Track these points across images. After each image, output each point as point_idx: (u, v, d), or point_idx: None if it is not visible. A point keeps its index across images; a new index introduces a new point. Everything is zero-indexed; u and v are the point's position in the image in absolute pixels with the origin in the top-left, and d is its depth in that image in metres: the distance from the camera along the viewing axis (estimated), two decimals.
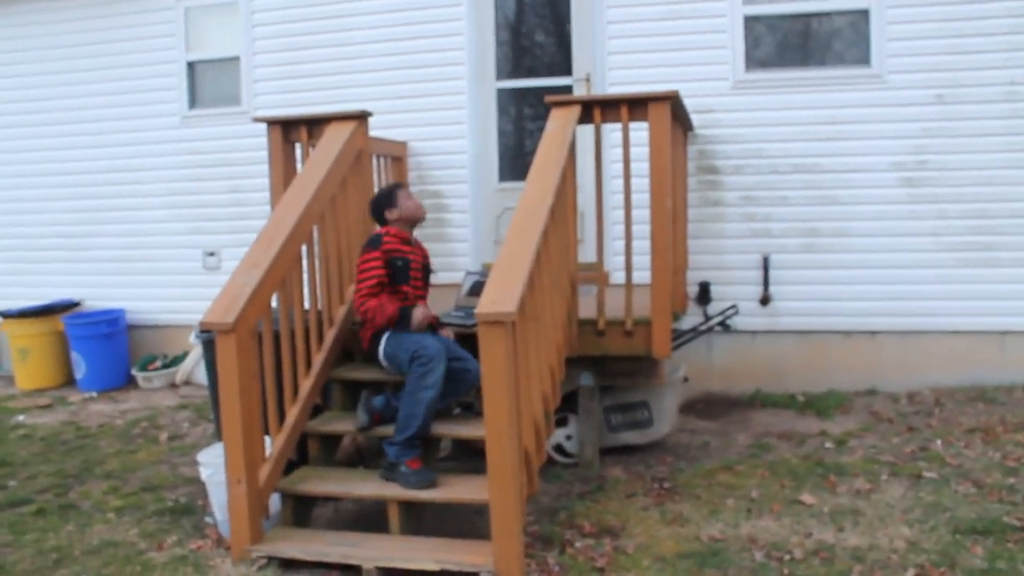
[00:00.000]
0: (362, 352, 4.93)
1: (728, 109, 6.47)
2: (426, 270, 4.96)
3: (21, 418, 6.96)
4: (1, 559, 4.28)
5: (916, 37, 6.17)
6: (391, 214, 4.80)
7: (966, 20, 6.10)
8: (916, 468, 4.86)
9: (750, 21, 6.44)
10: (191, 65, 7.70)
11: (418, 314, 4.62)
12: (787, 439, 5.55)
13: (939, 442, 5.25)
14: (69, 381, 8.01)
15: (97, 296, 8.15)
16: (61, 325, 7.87)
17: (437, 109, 6.95)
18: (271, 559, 4.02)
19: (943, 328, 6.31)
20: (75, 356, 7.82)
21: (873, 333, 6.42)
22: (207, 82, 7.71)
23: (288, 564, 4.01)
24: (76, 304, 8.13)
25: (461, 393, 4.66)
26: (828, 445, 5.38)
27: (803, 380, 6.50)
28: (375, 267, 4.63)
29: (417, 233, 6.62)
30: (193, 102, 7.72)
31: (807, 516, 4.33)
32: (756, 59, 6.47)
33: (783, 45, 6.48)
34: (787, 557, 3.90)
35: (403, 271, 4.71)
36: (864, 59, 6.28)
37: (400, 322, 4.58)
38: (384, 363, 4.70)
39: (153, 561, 4.16)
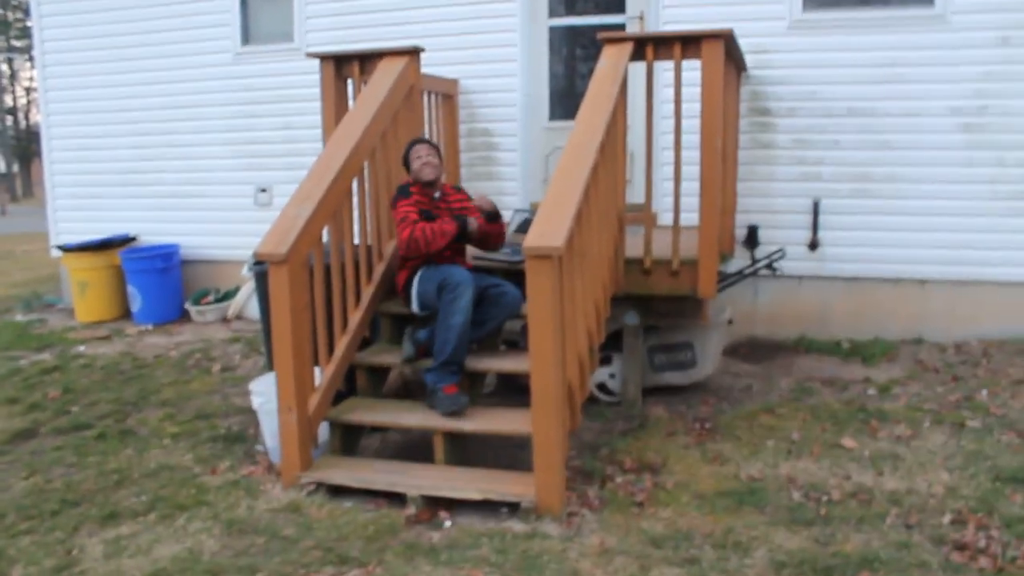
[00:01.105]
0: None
1: (783, 50, 6.35)
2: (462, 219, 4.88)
3: (82, 348, 7.19)
4: (67, 477, 4.48)
5: None
6: (409, 174, 4.88)
7: None
8: (959, 417, 4.84)
9: None
10: (244, 1, 7.73)
11: (473, 223, 4.70)
12: (830, 384, 5.55)
13: (984, 392, 5.22)
14: (125, 314, 8.23)
15: (153, 231, 8.33)
16: (118, 260, 8.06)
17: (488, 47, 6.92)
18: (319, 485, 4.15)
19: (994, 278, 6.21)
20: (131, 290, 8.02)
21: (922, 281, 6.35)
22: (260, 18, 7.75)
23: (336, 491, 4.14)
24: (132, 239, 8.32)
25: (503, 316, 4.71)
26: (871, 392, 5.37)
27: (849, 327, 6.47)
28: (408, 212, 4.65)
29: (467, 172, 6.69)
30: (246, 38, 7.78)
31: (846, 459, 4.36)
32: None
33: None
34: (824, 498, 3.93)
35: (492, 213, 4.78)
36: None
37: (460, 235, 4.66)
38: (416, 307, 4.76)
39: (207, 484, 4.32)
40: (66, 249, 8.15)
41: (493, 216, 4.79)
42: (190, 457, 4.72)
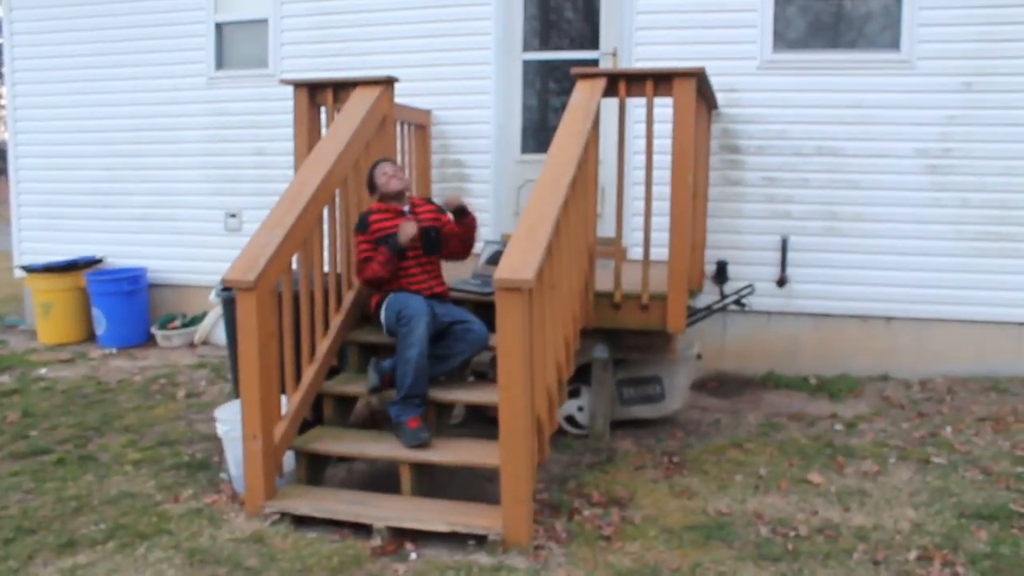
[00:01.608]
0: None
1: (753, 89, 6.45)
2: (430, 232, 4.82)
3: (43, 371, 7.07)
4: (24, 504, 4.38)
5: (947, 23, 6.12)
6: (375, 196, 4.87)
7: (997, 7, 6.03)
8: (925, 453, 4.88)
9: (781, 1, 6.40)
10: (219, 26, 7.73)
11: (401, 226, 4.60)
12: (797, 420, 5.58)
13: (949, 429, 5.27)
14: (90, 337, 8.11)
15: (119, 254, 8.24)
16: (83, 281, 7.96)
17: (462, 79, 6.96)
18: (284, 515, 4.10)
19: (960, 317, 6.30)
20: (96, 312, 7.91)
21: (889, 319, 6.43)
22: (235, 44, 7.74)
23: (300, 521, 4.08)
24: (99, 261, 8.23)
25: (468, 353, 4.69)
26: (838, 427, 5.40)
27: (816, 363, 6.53)
28: (365, 249, 4.70)
29: (438, 203, 6.67)
30: (220, 63, 7.76)
31: (814, 495, 4.37)
32: (785, 40, 6.43)
33: (813, 26, 6.44)
34: (792, 533, 3.94)
35: (401, 247, 4.68)
36: (894, 44, 6.24)
37: (392, 249, 4.59)
38: (386, 332, 4.75)
39: (169, 513, 4.25)
40: (30, 270, 8.04)
41: (460, 211, 4.77)
42: (152, 484, 4.64)
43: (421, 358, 4.40)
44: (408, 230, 4.59)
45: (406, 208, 4.83)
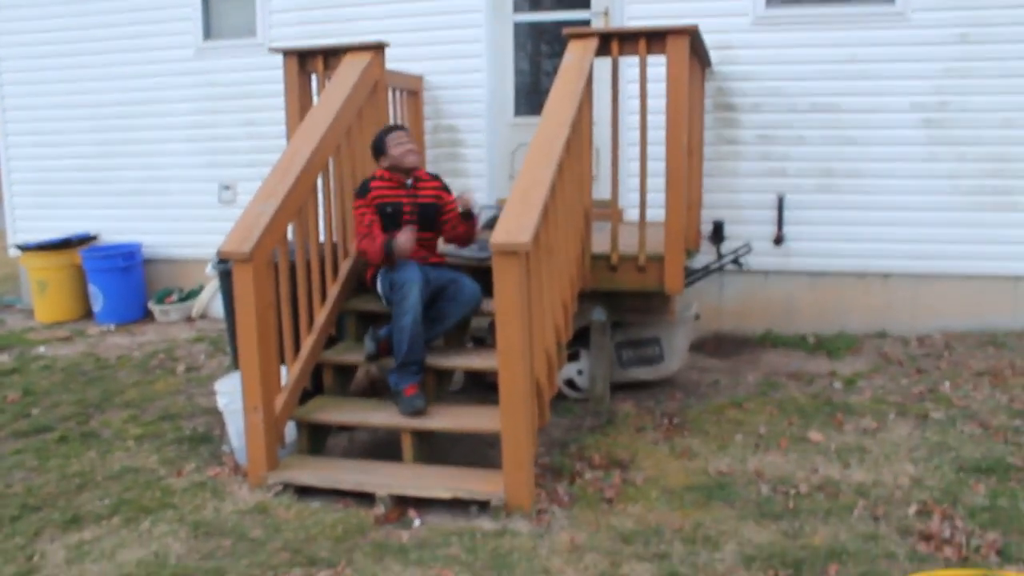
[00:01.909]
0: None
1: (747, 46, 6.38)
2: (429, 209, 4.84)
3: (42, 349, 7.07)
4: (28, 482, 4.40)
5: None
6: (383, 161, 4.78)
7: None
8: (923, 409, 4.90)
9: None
10: None
11: (399, 238, 4.55)
12: (796, 378, 5.59)
13: (947, 384, 5.29)
14: (87, 314, 8.10)
15: (114, 230, 8.21)
16: (79, 259, 7.93)
17: (453, 43, 6.89)
18: (286, 486, 4.11)
19: (956, 272, 6.30)
20: (92, 289, 7.89)
21: (886, 276, 6.42)
22: (223, 12, 7.64)
23: (303, 491, 4.10)
24: (93, 238, 8.20)
25: (462, 312, 4.68)
26: (837, 385, 5.42)
27: (814, 321, 6.53)
28: (363, 214, 4.68)
29: (432, 168, 6.64)
30: (208, 33, 7.67)
31: (814, 452, 4.39)
32: None
33: None
34: (792, 491, 3.96)
35: (392, 217, 4.68)
36: None
37: (388, 255, 4.57)
38: (384, 302, 4.75)
39: (172, 487, 4.26)
40: (25, 248, 8.01)
41: (466, 215, 4.77)
42: (155, 459, 4.65)
43: (415, 325, 4.39)
44: (405, 248, 4.54)
45: (410, 181, 4.80)
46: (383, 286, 4.66)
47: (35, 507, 4.09)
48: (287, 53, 5.49)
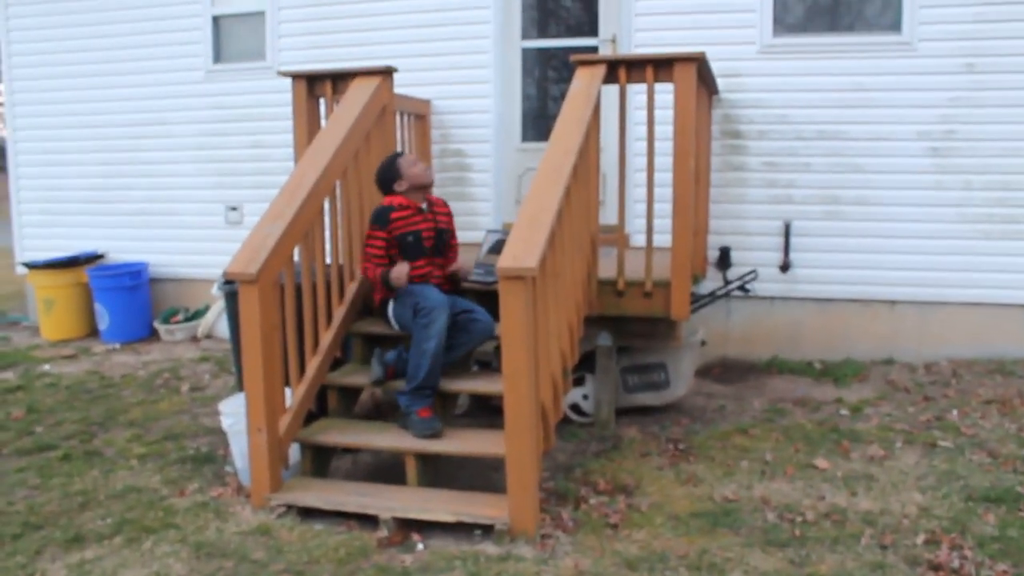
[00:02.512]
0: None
1: (754, 74, 6.41)
2: (444, 234, 4.86)
3: (47, 367, 7.07)
4: (30, 500, 4.38)
5: (948, 4, 6.07)
6: (400, 186, 4.74)
7: None
8: (931, 437, 4.87)
9: None
10: (216, 19, 7.70)
11: (393, 272, 4.57)
12: (802, 405, 5.57)
13: (955, 412, 5.26)
14: (92, 332, 8.11)
15: (121, 249, 8.24)
16: (85, 277, 7.95)
17: (461, 68, 6.93)
18: (290, 507, 4.10)
19: (963, 300, 6.28)
20: (99, 308, 7.91)
21: (892, 303, 6.41)
22: (232, 37, 7.71)
23: (306, 513, 4.08)
24: (100, 256, 8.22)
25: (473, 343, 4.68)
26: (843, 412, 5.39)
27: (821, 348, 6.51)
28: (377, 244, 4.65)
29: (439, 192, 6.65)
30: (218, 56, 7.74)
31: (820, 480, 4.36)
32: (784, 24, 6.40)
33: (812, 10, 6.40)
34: (799, 519, 3.93)
35: (415, 246, 4.67)
36: (895, 26, 6.20)
37: (386, 286, 4.61)
38: (395, 326, 4.74)
39: (175, 507, 4.25)
40: (32, 266, 8.03)
41: (454, 281, 4.90)
42: (158, 479, 4.64)
43: (439, 350, 4.39)
44: (401, 279, 4.56)
45: (424, 205, 4.79)
46: (398, 311, 4.64)
47: (37, 525, 4.07)
48: (296, 77, 5.53)
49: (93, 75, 8.10)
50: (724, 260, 6.55)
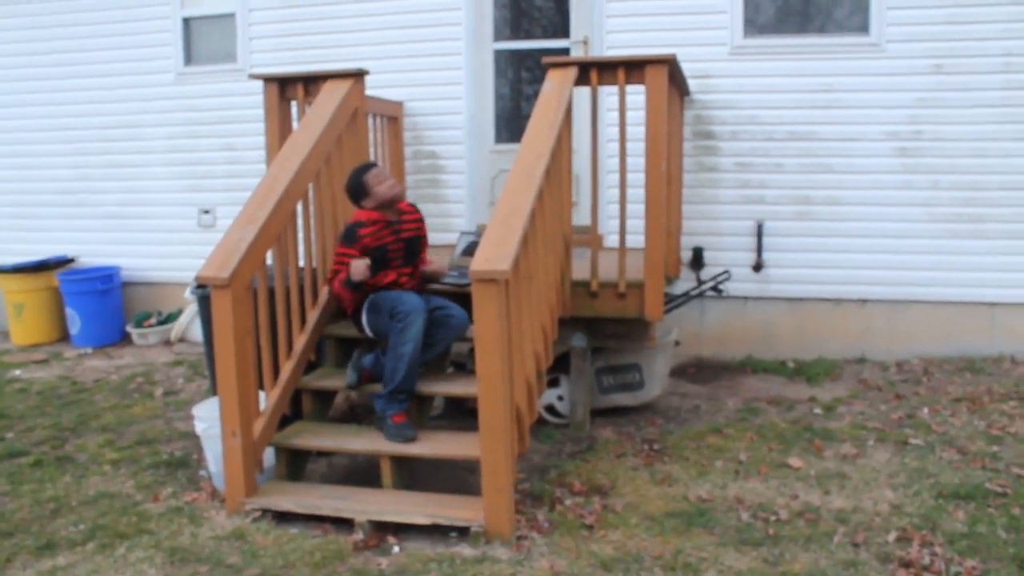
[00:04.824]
0: None
1: (725, 75, 6.46)
2: (413, 243, 4.77)
3: (17, 372, 6.99)
4: (0, 507, 4.33)
5: (916, 6, 6.13)
6: (368, 203, 4.66)
7: None
8: (902, 435, 4.92)
9: None
10: (186, 21, 7.64)
11: (352, 269, 4.48)
12: (776, 404, 5.61)
13: (926, 410, 5.32)
14: (64, 337, 8.03)
15: (92, 253, 8.15)
16: (56, 281, 7.87)
17: (434, 70, 6.92)
18: (265, 511, 4.08)
19: (933, 298, 6.36)
20: (70, 312, 7.83)
21: (864, 301, 6.47)
22: (203, 39, 7.66)
23: (281, 516, 4.07)
24: (71, 260, 8.14)
25: (451, 337, 4.66)
26: (816, 411, 5.44)
27: (794, 347, 6.57)
28: (344, 261, 4.55)
29: (412, 194, 6.65)
30: (189, 59, 7.68)
31: (794, 479, 4.40)
32: (755, 25, 6.44)
33: (782, 11, 6.45)
34: (773, 518, 3.96)
35: (382, 260, 4.59)
36: (863, 27, 6.26)
37: (347, 285, 4.51)
38: (369, 333, 4.69)
39: (149, 512, 4.22)
40: (1, 270, 7.93)
41: (427, 279, 4.86)
42: (131, 484, 4.60)
43: (415, 354, 4.37)
44: (359, 272, 4.46)
45: (393, 218, 4.71)
46: (372, 319, 4.59)
47: (8, 533, 4.03)
48: (267, 80, 5.51)
49: (63, 77, 8.00)
50: (697, 260, 6.59)
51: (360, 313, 4.66)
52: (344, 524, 3.95)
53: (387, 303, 4.50)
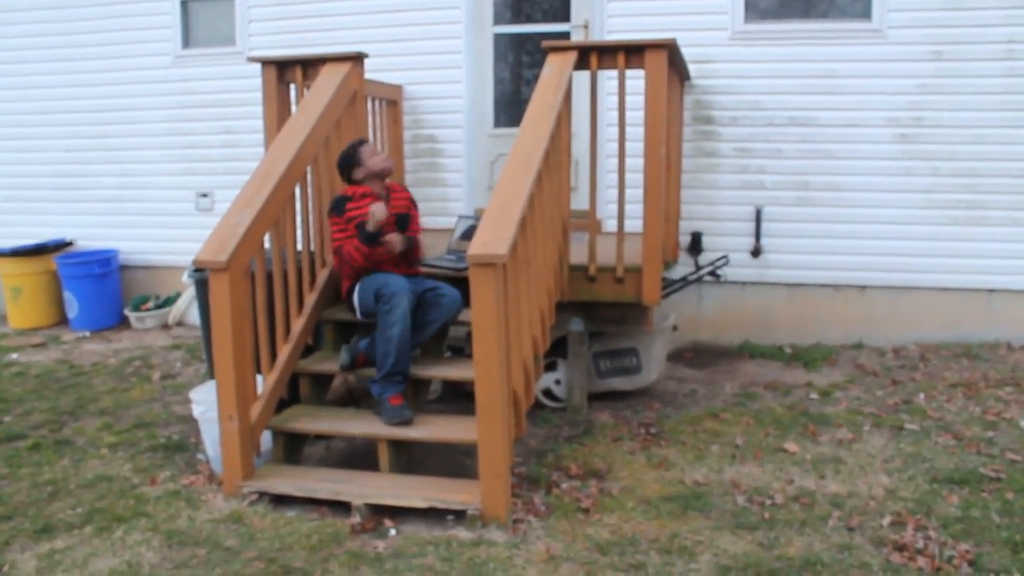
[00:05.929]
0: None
1: (726, 60, 6.44)
2: (403, 219, 4.77)
3: (15, 356, 7.00)
4: None
5: None
6: (358, 173, 4.68)
7: None
8: (898, 420, 4.93)
9: None
10: (185, 4, 7.60)
11: (372, 209, 4.48)
12: (773, 389, 5.62)
13: (922, 396, 5.33)
14: (62, 320, 8.04)
15: (90, 236, 8.15)
16: (53, 265, 7.87)
17: (433, 53, 6.90)
18: (262, 495, 4.09)
19: (931, 285, 6.36)
20: (67, 296, 7.83)
21: (862, 288, 6.48)
22: (201, 21, 7.63)
23: (279, 500, 4.08)
24: (69, 244, 8.13)
25: (445, 317, 4.63)
26: (813, 396, 5.45)
27: (791, 332, 6.57)
28: (339, 226, 4.61)
29: (411, 178, 6.64)
30: (187, 42, 7.65)
31: (789, 463, 4.41)
32: (757, 10, 6.42)
33: None
34: (768, 502, 3.98)
35: (372, 233, 4.57)
36: (865, 13, 6.24)
37: (365, 237, 4.50)
38: (359, 315, 4.69)
39: (146, 495, 4.23)
40: None
41: (405, 253, 4.74)
42: (129, 467, 4.61)
43: (404, 335, 4.37)
44: (378, 214, 4.47)
45: (382, 193, 4.74)
46: (363, 297, 4.60)
47: (6, 516, 4.04)
48: (265, 63, 5.49)
49: (60, 60, 7.98)
50: (696, 245, 6.59)
51: (352, 296, 4.67)
52: (341, 507, 3.96)
53: (374, 284, 4.50)
